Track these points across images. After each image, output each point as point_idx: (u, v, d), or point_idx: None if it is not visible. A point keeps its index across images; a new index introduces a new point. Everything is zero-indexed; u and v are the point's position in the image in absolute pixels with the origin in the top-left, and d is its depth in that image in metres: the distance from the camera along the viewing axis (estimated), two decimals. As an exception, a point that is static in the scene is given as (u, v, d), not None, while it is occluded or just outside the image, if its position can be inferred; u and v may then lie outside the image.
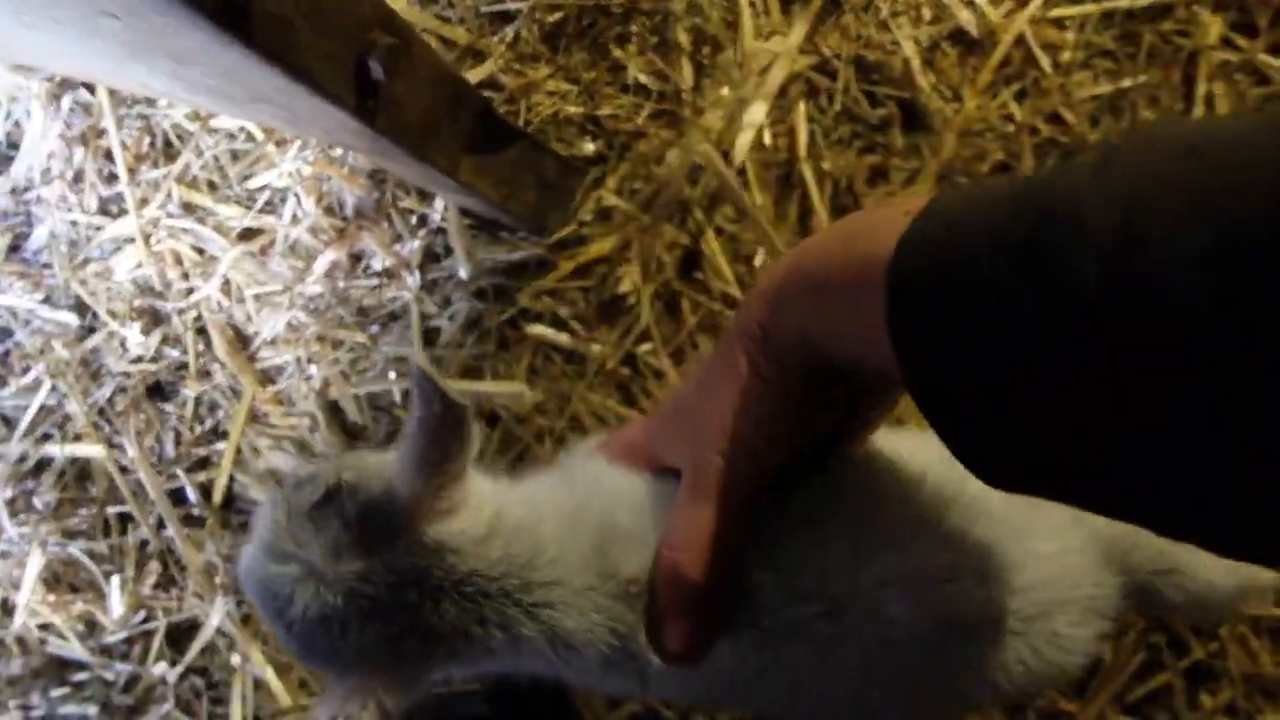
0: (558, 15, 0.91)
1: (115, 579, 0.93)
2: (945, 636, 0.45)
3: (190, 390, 0.97)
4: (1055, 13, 0.88)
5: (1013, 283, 0.28)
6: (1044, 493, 0.32)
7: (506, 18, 0.91)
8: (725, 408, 0.43)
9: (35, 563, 0.95)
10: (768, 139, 0.89)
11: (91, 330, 0.99)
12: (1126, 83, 0.86)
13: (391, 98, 0.58)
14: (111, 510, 0.96)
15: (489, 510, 0.45)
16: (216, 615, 0.92)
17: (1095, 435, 0.28)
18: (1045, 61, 0.87)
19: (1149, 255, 0.25)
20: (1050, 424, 0.29)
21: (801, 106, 0.89)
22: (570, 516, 0.47)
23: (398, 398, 0.92)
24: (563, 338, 0.88)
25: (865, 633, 0.45)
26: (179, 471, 0.95)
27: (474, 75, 0.89)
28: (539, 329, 0.89)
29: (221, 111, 0.93)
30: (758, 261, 0.87)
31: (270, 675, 0.89)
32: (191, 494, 0.95)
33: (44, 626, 0.94)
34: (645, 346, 0.87)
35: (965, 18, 0.89)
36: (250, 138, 0.96)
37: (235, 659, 0.91)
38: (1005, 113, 0.87)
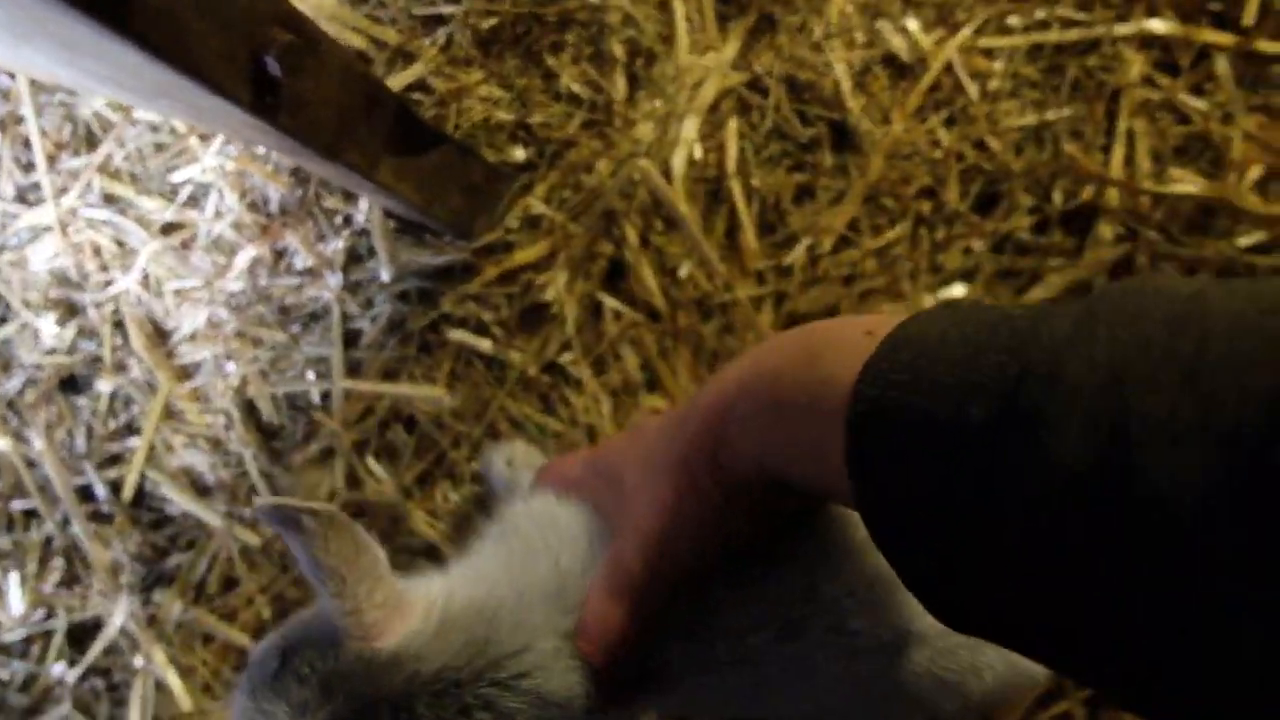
0: (492, 21, 0.90)
1: (15, 575, 0.91)
2: (910, 644, 0.46)
3: (105, 384, 0.95)
4: (985, 42, 0.89)
5: (989, 440, 0.27)
6: (1006, 645, 0.31)
7: (439, 21, 0.90)
8: (660, 514, 0.41)
9: (-67, 556, 0.92)
10: (698, 154, 0.89)
11: (3, 320, 0.97)
12: (1051, 115, 0.87)
13: (295, 96, 0.58)
14: (16, 505, 0.93)
15: (438, 601, 0.44)
16: (120, 615, 0.89)
17: (1068, 606, 0.27)
18: (973, 90, 0.88)
19: (1137, 430, 0.24)
20: (1019, 587, 0.28)
21: (733, 123, 0.89)
22: (519, 574, 0.46)
23: (316, 398, 0.90)
24: (484, 343, 0.88)
25: (828, 646, 0.45)
26: (88, 467, 0.93)
27: (404, 77, 0.88)
28: (460, 334, 0.88)
29: (127, 102, 0.91)
30: (683, 273, 0.87)
31: (172, 677, 0.87)
32: (100, 490, 0.92)
33: (-62, 622, 0.92)
34: (567, 355, 0.87)
35: (897, 43, 0.89)
36: (173, 131, 0.94)
37: (138, 660, 0.89)
38: (933, 138, 0.88)
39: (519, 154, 0.90)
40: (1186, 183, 0.83)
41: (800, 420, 0.35)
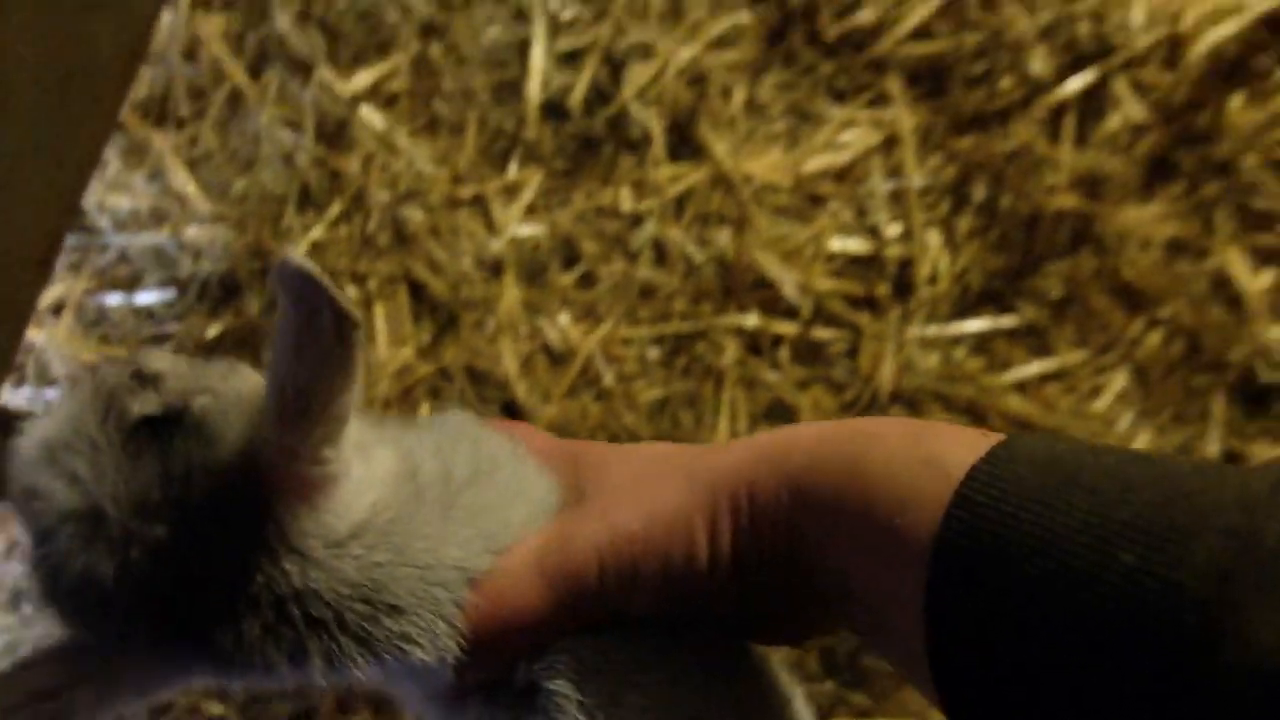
0: (216, 329, 1.08)
1: None
2: None
3: None
4: (622, 333, 1.14)
5: (1126, 604, 0.22)
6: None
7: (166, 338, 1.07)
8: (644, 517, 0.33)
9: None
10: (395, 434, 1.08)
11: None
12: (674, 389, 1.12)
13: None
14: None
15: (369, 497, 0.34)
16: None
17: None
18: (610, 374, 1.12)
19: None
20: None
21: (425, 406, 1.10)
22: (456, 499, 0.36)
23: None
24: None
25: None
26: None
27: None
28: None
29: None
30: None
31: None
32: None
33: None
34: None
35: (553, 336, 1.13)
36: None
37: None
38: (584, 413, 1.11)
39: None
40: (768, 443, 1.09)
41: (879, 499, 0.28)
